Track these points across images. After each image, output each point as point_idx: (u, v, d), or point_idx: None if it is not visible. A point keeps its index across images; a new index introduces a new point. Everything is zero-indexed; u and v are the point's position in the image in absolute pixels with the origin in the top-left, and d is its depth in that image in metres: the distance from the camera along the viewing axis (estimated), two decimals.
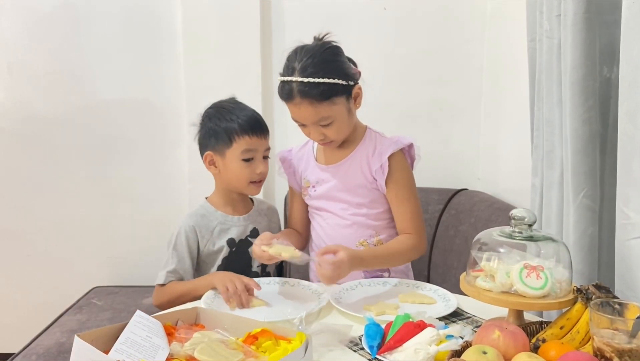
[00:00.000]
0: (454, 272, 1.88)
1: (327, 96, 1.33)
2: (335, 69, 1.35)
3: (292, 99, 1.34)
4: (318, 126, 1.36)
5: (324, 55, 1.35)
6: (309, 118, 1.35)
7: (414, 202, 1.46)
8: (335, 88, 1.34)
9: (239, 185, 1.46)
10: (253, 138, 1.43)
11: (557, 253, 1.06)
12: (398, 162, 1.44)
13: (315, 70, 1.31)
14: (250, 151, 1.43)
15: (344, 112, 1.38)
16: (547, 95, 1.35)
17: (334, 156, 1.49)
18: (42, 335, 1.85)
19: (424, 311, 1.14)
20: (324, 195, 1.49)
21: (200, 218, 1.48)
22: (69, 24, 2.27)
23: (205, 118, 1.49)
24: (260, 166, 1.46)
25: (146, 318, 1.04)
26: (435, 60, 2.31)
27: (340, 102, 1.36)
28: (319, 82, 1.31)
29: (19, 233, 2.38)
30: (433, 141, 2.36)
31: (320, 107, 1.33)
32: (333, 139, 1.40)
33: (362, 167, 1.45)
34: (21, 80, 2.30)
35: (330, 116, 1.35)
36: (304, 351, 0.93)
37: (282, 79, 1.36)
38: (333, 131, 1.38)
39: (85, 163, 2.35)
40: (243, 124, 1.43)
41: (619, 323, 0.85)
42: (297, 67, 1.33)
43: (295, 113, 1.37)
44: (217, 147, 1.45)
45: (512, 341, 0.87)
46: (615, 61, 1.17)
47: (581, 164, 1.21)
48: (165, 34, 2.28)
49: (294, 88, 1.32)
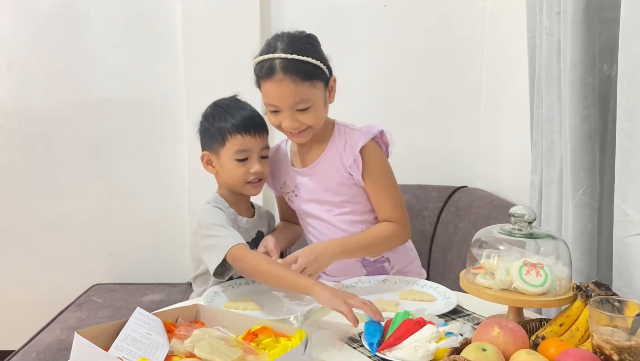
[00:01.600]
0: (454, 269, 1.88)
1: (310, 76, 1.29)
2: (318, 52, 1.33)
3: (273, 76, 1.28)
4: (294, 111, 1.31)
5: (306, 39, 1.34)
6: (288, 98, 1.29)
7: (393, 190, 1.43)
8: (317, 71, 1.31)
9: (236, 185, 1.43)
10: (246, 137, 1.39)
11: (556, 250, 1.06)
12: (371, 153, 1.39)
13: (300, 48, 1.29)
14: (243, 151, 1.39)
15: (321, 100, 1.34)
16: (547, 92, 1.35)
17: (307, 157, 1.45)
18: (42, 332, 1.86)
19: (424, 309, 1.14)
20: (305, 199, 1.46)
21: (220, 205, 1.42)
22: (68, 22, 2.27)
23: (203, 118, 1.47)
24: (255, 165, 1.40)
25: (146, 315, 1.04)
26: (435, 57, 2.30)
27: (320, 87, 1.33)
28: (303, 60, 1.28)
29: (18, 230, 2.38)
30: (433, 139, 2.36)
31: (302, 87, 1.28)
32: (309, 125, 1.34)
33: (336, 165, 1.40)
34: (21, 78, 2.30)
35: (310, 99, 1.30)
36: (304, 348, 0.94)
37: (263, 57, 1.30)
38: (309, 118, 1.32)
39: (85, 161, 2.35)
40: (236, 123, 1.39)
41: (619, 320, 0.85)
42: (279, 45, 1.29)
43: (274, 93, 1.30)
44: (212, 147, 1.43)
45: (512, 339, 0.87)
46: (614, 58, 1.17)
47: (580, 161, 1.21)
48: (165, 32, 2.28)
49: (276, 64, 1.28)
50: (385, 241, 1.42)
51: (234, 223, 1.43)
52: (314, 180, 1.43)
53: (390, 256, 1.47)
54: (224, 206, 1.44)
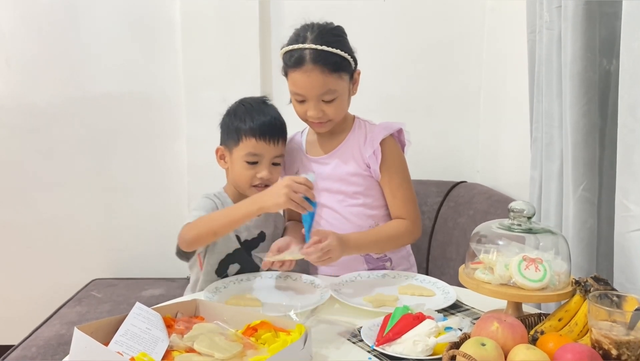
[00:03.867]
0: (453, 264, 1.88)
1: (337, 68, 1.33)
2: (346, 45, 1.37)
3: (302, 66, 1.31)
4: (320, 101, 1.34)
5: (335, 30, 1.38)
6: (315, 88, 1.32)
7: (407, 187, 1.46)
8: (345, 63, 1.35)
9: (242, 186, 1.44)
10: (260, 143, 1.39)
11: (556, 245, 1.06)
12: (390, 148, 1.43)
13: (330, 40, 1.32)
14: (254, 155, 1.40)
15: (346, 92, 1.38)
16: (547, 87, 1.34)
17: (325, 146, 1.48)
18: (42, 327, 1.86)
19: (423, 303, 1.14)
20: (317, 188, 1.45)
21: (214, 198, 1.44)
22: (67, 17, 2.26)
23: (226, 112, 1.48)
24: (264, 171, 1.41)
25: (146, 310, 1.04)
26: (434, 52, 2.30)
27: (345, 79, 1.37)
28: (333, 52, 1.31)
29: (18, 225, 2.38)
30: (432, 134, 2.35)
31: (329, 78, 1.32)
32: (331, 117, 1.38)
33: (354, 156, 1.44)
34: (19, 73, 2.29)
35: (336, 91, 1.34)
36: (303, 343, 0.94)
37: (292, 46, 1.33)
38: (333, 109, 1.36)
39: (84, 156, 2.35)
40: (253, 126, 1.40)
41: (617, 315, 0.85)
42: (309, 36, 1.32)
43: (302, 82, 1.33)
44: (228, 143, 1.44)
45: (511, 333, 0.87)
46: (615, 53, 1.17)
47: (581, 156, 1.20)
48: (164, 27, 2.27)
49: (306, 55, 1.31)
50: (396, 238, 1.44)
51: None
52: (329, 168, 1.46)
53: (392, 257, 1.49)
54: (225, 202, 1.44)
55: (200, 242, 1.34)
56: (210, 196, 1.44)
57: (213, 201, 1.42)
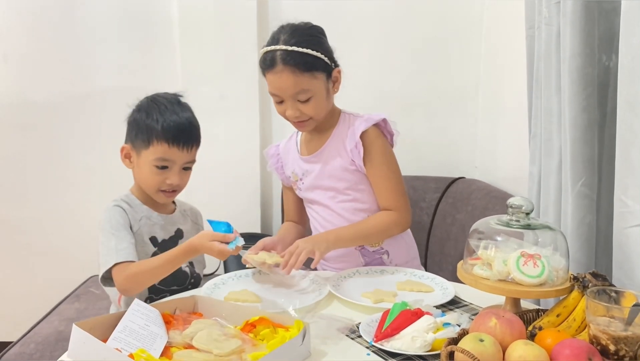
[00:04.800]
0: (451, 260, 1.88)
1: (309, 67, 1.33)
2: (320, 44, 1.36)
3: (274, 67, 1.33)
4: (295, 101, 1.35)
5: (309, 30, 1.38)
6: (288, 89, 1.33)
7: (394, 178, 1.45)
8: (318, 62, 1.35)
9: (148, 190, 1.35)
10: (173, 148, 1.30)
11: (554, 241, 1.06)
12: (372, 139, 1.41)
13: (300, 40, 1.33)
14: (165, 160, 1.31)
15: (322, 90, 1.38)
16: (546, 83, 1.34)
17: (313, 145, 1.49)
18: (41, 324, 1.86)
19: (421, 299, 1.15)
20: (310, 186, 1.49)
21: (126, 205, 1.35)
22: (64, 13, 2.25)
23: (136, 109, 1.37)
24: (173, 177, 1.32)
25: (144, 306, 1.04)
26: (433, 48, 2.30)
27: (321, 78, 1.36)
28: (302, 52, 1.32)
29: (16, 222, 2.38)
30: (431, 130, 2.36)
31: (301, 78, 1.33)
32: (310, 116, 1.38)
33: (339, 150, 1.44)
34: (16, 69, 2.29)
35: (310, 90, 1.34)
36: (302, 339, 0.94)
37: (266, 49, 1.36)
38: (310, 108, 1.36)
39: (82, 152, 2.34)
40: (167, 129, 1.29)
41: (615, 310, 0.85)
42: (281, 37, 1.34)
43: (275, 83, 1.35)
44: (136, 144, 1.33)
45: (509, 329, 0.87)
46: (614, 48, 1.16)
47: (579, 152, 1.20)
48: (162, 22, 2.26)
49: (277, 56, 1.32)
50: (383, 230, 1.44)
51: (147, 220, 1.36)
52: (318, 167, 1.46)
53: (390, 250, 1.48)
54: (134, 204, 1.36)
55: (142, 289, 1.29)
56: (118, 202, 1.35)
57: (122, 208, 1.33)
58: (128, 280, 1.22)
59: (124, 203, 1.35)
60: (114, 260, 1.23)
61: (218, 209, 1.46)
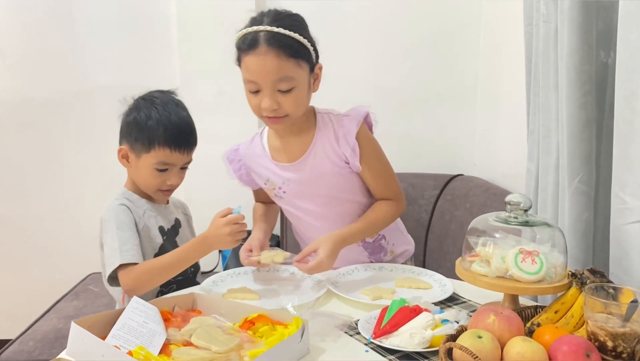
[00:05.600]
0: (450, 257, 1.88)
1: (295, 53, 1.21)
2: (305, 31, 1.26)
3: (256, 48, 1.19)
4: (275, 90, 1.22)
5: (294, 17, 1.27)
6: (270, 73, 1.20)
7: (387, 170, 1.41)
8: (303, 50, 1.23)
9: (147, 189, 1.37)
10: (175, 153, 1.31)
11: (552, 237, 1.07)
12: (364, 138, 1.34)
13: (287, 23, 1.22)
14: (166, 163, 1.32)
15: (305, 83, 1.26)
16: (544, 80, 1.34)
17: (292, 151, 1.36)
18: (39, 321, 1.86)
19: (420, 296, 1.15)
20: (297, 195, 1.39)
21: (126, 201, 1.35)
22: (62, 10, 2.25)
23: (134, 109, 1.35)
24: (173, 178, 1.35)
25: (143, 303, 1.04)
26: (431, 45, 2.29)
27: (305, 68, 1.25)
28: (289, 34, 1.20)
29: (15, 220, 2.38)
30: (429, 127, 2.36)
31: (286, 63, 1.20)
32: (288, 112, 1.25)
33: (329, 156, 1.34)
34: (14, 66, 2.28)
35: (294, 79, 1.22)
36: (300, 336, 0.94)
37: (247, 30, 1.22)
38: (290, 101, 1.23)
39: (80, 150, 2.34)
40: (169, 134, 1.30)
41: (613, 307, 0.85)
42: (265, 19, 1.22)
43: (255, 66, 1.21)
44: (135, 146, 1.33)
45: (507, 326, 0.87)
46: (612, 45, 1.16)
47: (577, 149, 1.21)
48: (160, 19, 2.26)
49: (260, 37, 1.20)
50: (388, 220, 1.41)
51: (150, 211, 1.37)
52: (305, 175, 1.36)
53: (385, 234, 1.47)
54: (134, 199, 1.36)
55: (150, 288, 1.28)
56: (121, 200, 1.34)
57: (126, 206, 1.33)
58: (137, 280, 1.21)
59: (126, 200, 1.35)
60: (119, 261, 1.22)
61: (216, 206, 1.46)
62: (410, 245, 1.57)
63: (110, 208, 1.32)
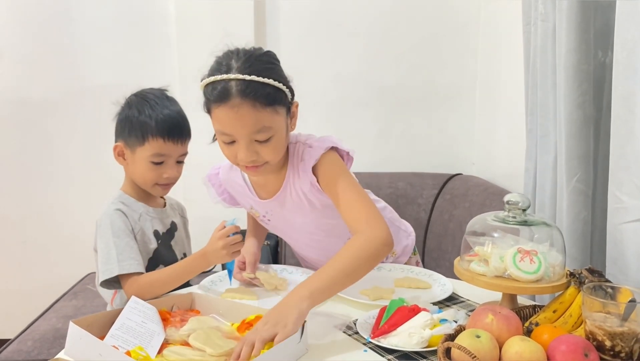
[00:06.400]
0: (448, 256, 1.89)
1: (272, 101, 1.11)
2: (279, 73, 1.15)
3: (228, 100, 1.09)
4: (252, 141, 1.12)
5: (265, 57, 1.15)
6: (246, 127, 1.10)
7: (358, 198, 1.19)
8: (279, 95, 1.13)
9: (144, 185, 1.36)
10: (168, 143, 1.31)
11: (550, 237, 1.07)
12: (324, 165, 1.21)
13: (259, 69, 1.10)
14: (161, 155, 1.31)
15: (283, 128, 1.16)
16: (542, 79, 1.34)
17: (269, 186, 1.29)
18: (38, 321, 1.86)
19: (419, 296, 1.15)
20: (280, 224, 1.36)
21: (122, 205, 1.34)
22: (61, 9, 2.25)
23: (126, 106, 1.36)
24: (170, 170, 1.33)
25: (141, 303, 1.04)
26: (430, 44, 2.30)
27: (282, 113, 1.15)
28: (264, 82, 1.09)
29: (13, 219, 2.38)
30: (428, 126, 2.36)
31: (263, 114, 1.10)
32: (268, 160, 1.16)
33: (302, 189, 1.25)
34: (12, 65, 2.28)
35: (272, 128, 1.12)
36: (300, 335, 0.94)
37: (214, 78, 1.11)
38: (269, 150, 1.14)
39: (79, 149, 2.34)
40: (161, 125, 1.30)
41: (611, 306, 0.85)
42: (234, 65, 1.11)
43: (229, 120, 1.10)
44: (129, 141, 1.33)
45: (506, 325, 0.87)
46: (609, 44, 1.17)
47: (575, 148, 1.21)
48: (158, 18, 2.26)
49: (231, 87, 1.09)
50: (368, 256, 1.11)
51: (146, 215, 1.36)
52: (287, 207, 1.30)
53: None
54: (130, 203, 1.36)
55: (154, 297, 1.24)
56: (116, 204, 1.32)
57: (121, 211, 1.31)
58: (140, 291, 1.19)
59: (122, 205, 1.34)
60: (117, 271, 1.22)
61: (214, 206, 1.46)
62: (410, 238, 1.51)
63: (106, 213, 1.32)
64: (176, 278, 1.25)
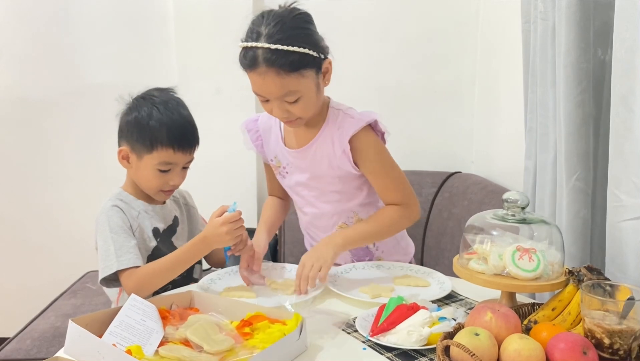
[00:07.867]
0: (447, 254, 1.89)
1: (296, 67, 1.18)
2: (307, 37, 1.21)
3: (256, 68, 1.18)
4: (283, 101, 1.22)
5: (294, 21, 1.21)
6: (274, 91, 1.20)
7: (394, 174, 1.36)
8: (306, 59, 1.20)
9: (148, 190, 1.35)
10: (177, 153, 1.30)
11: (549, 235, 1.07)
12: (363, 141, 1.31)
13: (285, 36, 1.17)
14: (169, 164, 1.31)
15: (312, 88, 1.24)
16: (541, 77, 1.34)
17: (299, 138, 1.37)
18: (37, 320, 1.86)
19: (417, 294, 1.15)
20: (296, 183, 1.41)
21: (120, 202, 1.33)
22: (59, 8, 2.25)
23: (135, 109, 1.33)
24: (176, 178, 1.34)
25: (140, 301, 1.04)
26: (429, 43, 2.29)
27: (310, 75, 1.22)
28: (288, 50, 1.16)
29: (12, 218, 2.38)
30: (427, 124, 2.36)
31: (287, 80, 1.18)
32: (299, 116, 1.26)
33: (327, 153, 1.34)
34: (10, 64, 2.28)
35: (298, 91, 1.21)
36: (299, 333, 0.94)
37: (245, 44, 1.19)
38: (299, 108, 1.24)
39: (78, 148, 2.34)
40: (171, 134, 1.29)
41: (610, 304, 0.85)
42: (263, 31, 1.17)
43: (259, 85, 1.21)
44: (136, 146, 1.31)
45: (504, 323, 0.88)
46: (609, 42, 1.17)
47: (574, 146, 1.21)
48: (157, 17, 2.26)
49: (258, 55, 1.17)
50: (392, 224, 1.37)
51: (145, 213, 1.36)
52: (304, 164, 1.38)
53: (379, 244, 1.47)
54: (129, 200, 1.35)
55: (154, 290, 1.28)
56: (114, 202, 1.32)
57: (119, 208, 1.31)
58: (138, 283, 1.21)
59: (119, 202, 1.33)
60: (116, 267, 1.22)
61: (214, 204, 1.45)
62: (408, 255, 1.53)
63: (103, 210, 1.31)
64: (177, 264, 1.26)
